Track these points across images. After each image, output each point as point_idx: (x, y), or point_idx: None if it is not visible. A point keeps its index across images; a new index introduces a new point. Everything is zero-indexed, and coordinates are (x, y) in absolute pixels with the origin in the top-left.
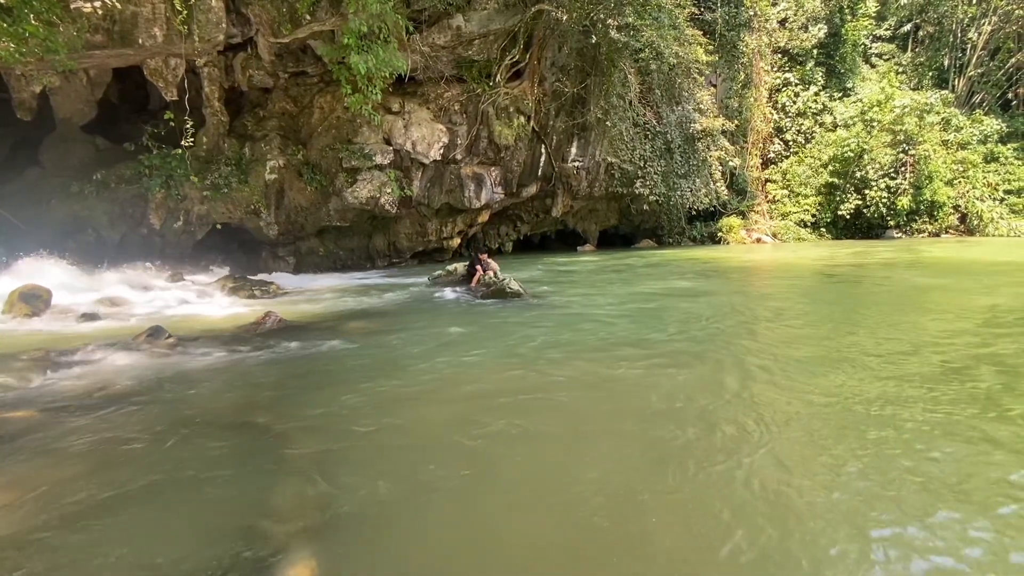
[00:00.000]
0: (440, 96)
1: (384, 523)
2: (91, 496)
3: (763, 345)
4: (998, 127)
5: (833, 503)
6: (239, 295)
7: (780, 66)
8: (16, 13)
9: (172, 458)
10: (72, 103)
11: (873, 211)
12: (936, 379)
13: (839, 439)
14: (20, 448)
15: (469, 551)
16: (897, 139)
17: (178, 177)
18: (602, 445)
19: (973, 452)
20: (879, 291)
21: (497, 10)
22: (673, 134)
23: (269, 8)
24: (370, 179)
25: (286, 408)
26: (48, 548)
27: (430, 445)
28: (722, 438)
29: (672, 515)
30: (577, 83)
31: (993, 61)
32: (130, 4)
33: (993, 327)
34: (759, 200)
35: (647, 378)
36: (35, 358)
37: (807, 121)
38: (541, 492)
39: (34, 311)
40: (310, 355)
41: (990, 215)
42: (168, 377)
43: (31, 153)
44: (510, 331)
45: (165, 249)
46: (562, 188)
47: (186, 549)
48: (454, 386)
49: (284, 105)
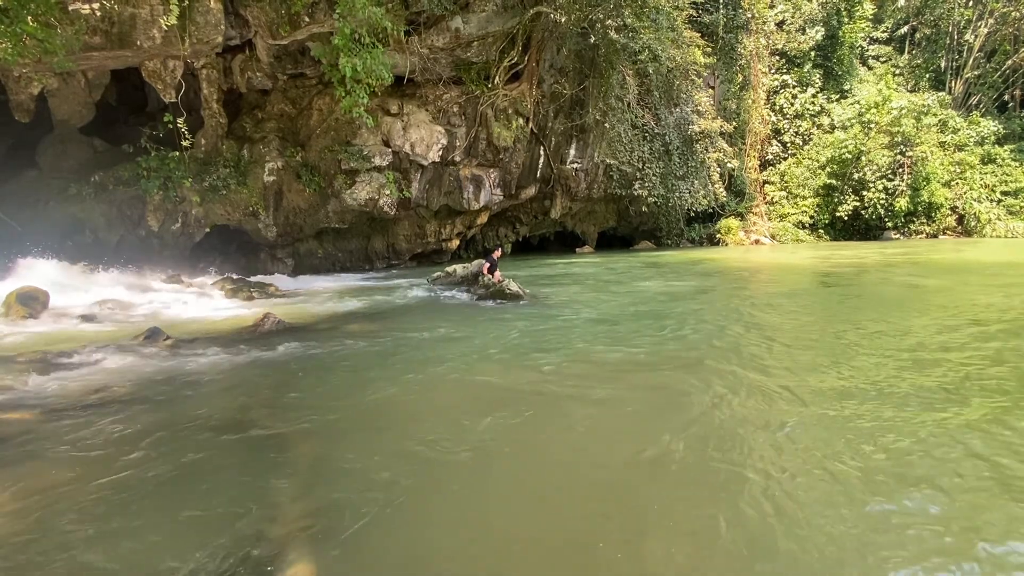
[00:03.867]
0: (439, 98)
1: (383, 524)
2: (89, 498)
3: (764, 345)
4: (995, 129)
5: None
6: (237, 297)
7: (778, 68)
8: (13, 14)
9: (171, 459)
10: (70, 105)
11: (871, 212)
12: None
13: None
14: (17, 450)
15: (468, 551)
16: (894, 141)
17: (176, 179)
18: (601, 446)
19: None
20: (879, 292)
21: (496, 12)
22: (671, 136)
23: (267, 10)
24: (369, 181)
25: (285, 409)
26: (47, 549)
27: (428, 445)
28: (720, 442)
29: (672, 515)
30: (575, 85)
31: (989, 63)
32: (128, 6)
33: (993, 326)
34: (757, 202)
35: (647, 379)
36: (32, 360)
37: (805, 123)
38: (540, 493)
39: (31, 313)
40: (309, 356)
41: (987, 216)
42: (166, 379)
43: (29, 155)
44: (509, 333)
45: (163, 251)
46: (560, 190)
47: (186, 550)
48: (453, 387)
49: (282, 107)
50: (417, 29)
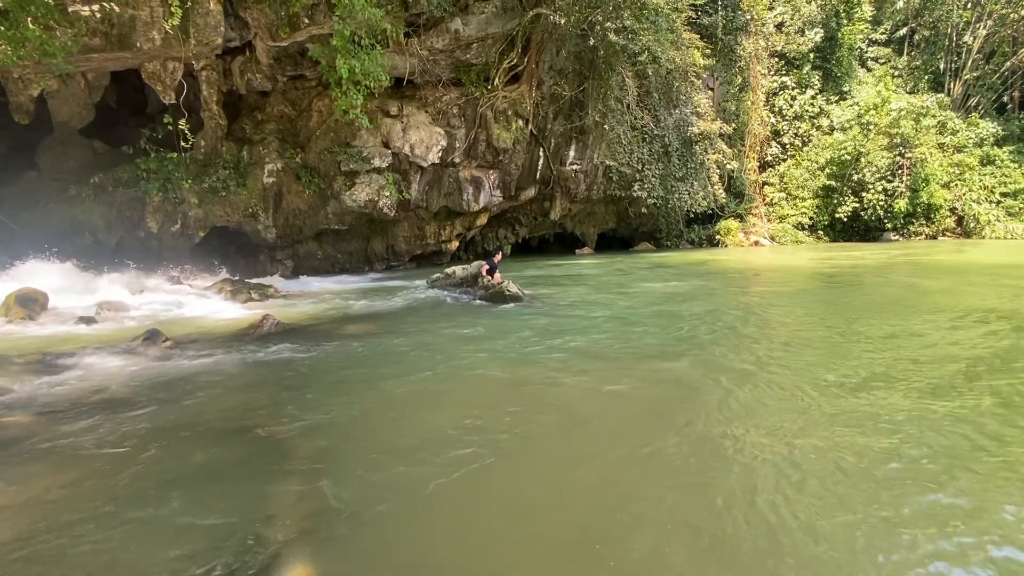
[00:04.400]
0: (438, 99)
1: (382, 525)
2: (88, 500)
3: (764, 348)
4: (994, 130)
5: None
6: (237, 298)
7: (777, 70)
8: (13, 16)
9: (170, 461)
10: (70, 106)
11: (870, 214)
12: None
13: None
14: (15, 452)
15: (467, 552)
16: (893, 142)
17: (175, 180)
18: (601, 447)
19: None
20: (879, 293)
21: (495, 14)
22: (671, 137)
23: (267, 11)
24: (368, 182)
25: (284, 411)
26: (46, 551)
27: (428, 447)
28: (718, 445)
29: (670, 517)
30: (575, 86)
31: (988, 64)
32: (128, 7)
33: (992, 325)
34: (756, 203)
35: (647, 379)
36: (31, 361)
37: (804, 124)
38: (539, 494)
39: (30, 314)
40: (308, 358)
41: (986, 217)
42: (165, 380)
43: (28, 156)
44: (508, 334)
45: (162, 252)
46: (560, 191)
47: (185, 552)
48: (452, 388)
49: (282, 108)
50: (417, 31)
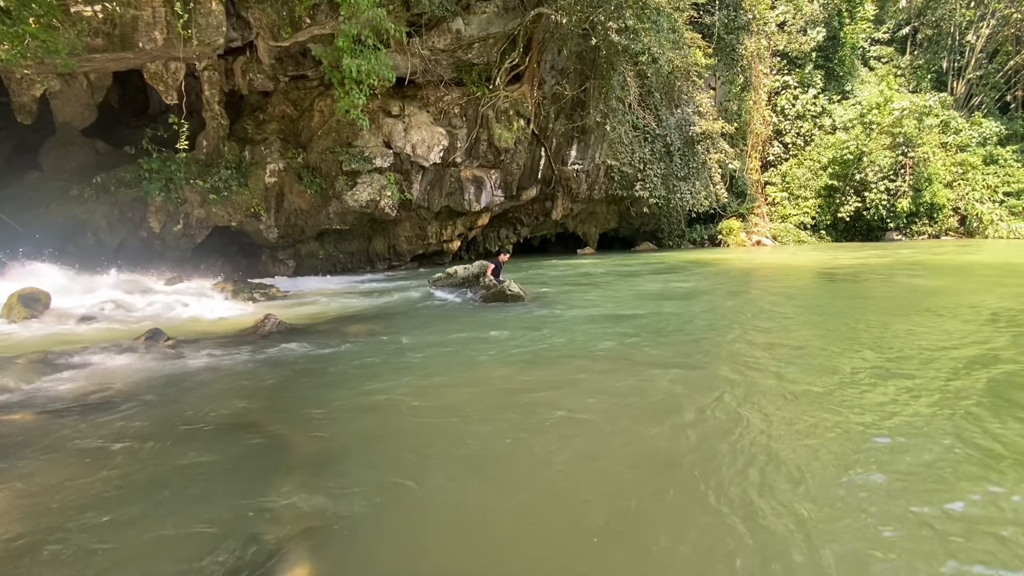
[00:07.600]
0: (440, 99)
1: (382, 525)
2: (89, 499)
3: (764, 348)
4: (997, 129)
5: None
6: (238, 298)
7: (779, 69)
8: (15, 15)
9: (171, 461)
10: (72, 107)
11: (873, 213)
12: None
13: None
14: (17, 451)
15: (467, 553)
16: (896, 142)
17: (177, 181)
18: (602, 447)
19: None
20: (879, 293)
21: (496, 14)
22: (672, 137)
23: (269, 12)
24: (370, 182)
25: (285, 411)
26: (46, 551)
27: (428, 447)
28: (719, 446)
29: (670, 518)
30: (576, 86)
31: (991, 64)
32: (130, 8)
33: (993, 326)
34: (758, 203)
35: (647, 380)
36: (33, 360)
37: (806, 124)
38: (539, 495)
39: (33, 314)
40: (309, 358)
41: (990, 217)
42: (166, 380)
43: (31, 157)
44: (509, 334)
45: (164, 252)
46: (562, 191)
47: (185, 552)
48: (453, 389)
49: (284, 108)
50: (418, 31)
